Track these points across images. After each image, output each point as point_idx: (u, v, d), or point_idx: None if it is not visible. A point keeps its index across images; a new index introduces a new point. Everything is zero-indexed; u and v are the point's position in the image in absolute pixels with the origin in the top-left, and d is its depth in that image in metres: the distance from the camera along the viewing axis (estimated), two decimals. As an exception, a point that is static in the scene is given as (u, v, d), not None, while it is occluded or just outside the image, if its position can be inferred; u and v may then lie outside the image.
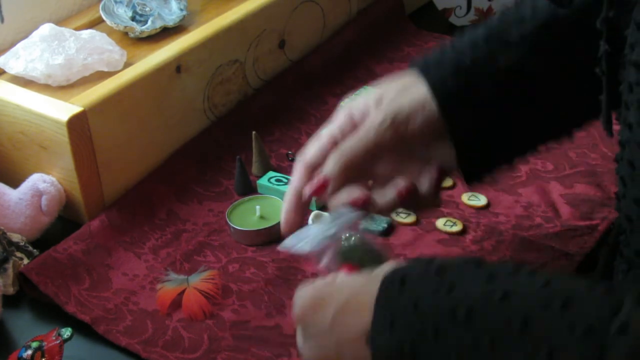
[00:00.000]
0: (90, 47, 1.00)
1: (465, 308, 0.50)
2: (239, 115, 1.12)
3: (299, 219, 0.73)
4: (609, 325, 0.46)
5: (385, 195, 0.70)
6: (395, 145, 0.70)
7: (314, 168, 0.72)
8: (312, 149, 0.74)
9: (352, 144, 0.70)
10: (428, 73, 0.71)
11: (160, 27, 1.08)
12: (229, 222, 0.94)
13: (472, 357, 0.50)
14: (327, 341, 0.60)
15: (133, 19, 1.09)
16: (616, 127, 0.61)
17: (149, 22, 1.08)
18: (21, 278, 0.87)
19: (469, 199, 0.96)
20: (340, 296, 0.60)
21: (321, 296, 0.61)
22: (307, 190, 0.71)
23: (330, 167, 0.70)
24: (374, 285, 0.57)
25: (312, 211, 0.96)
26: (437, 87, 0.70)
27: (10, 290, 0.87)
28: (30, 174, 0.95)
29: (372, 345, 0.56)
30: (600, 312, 0.47)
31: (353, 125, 0.72)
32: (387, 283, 0.57)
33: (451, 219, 0.93)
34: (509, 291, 0.50)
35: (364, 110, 0.72)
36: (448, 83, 0.70)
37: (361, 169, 0.71)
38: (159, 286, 0.87)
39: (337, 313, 0.59)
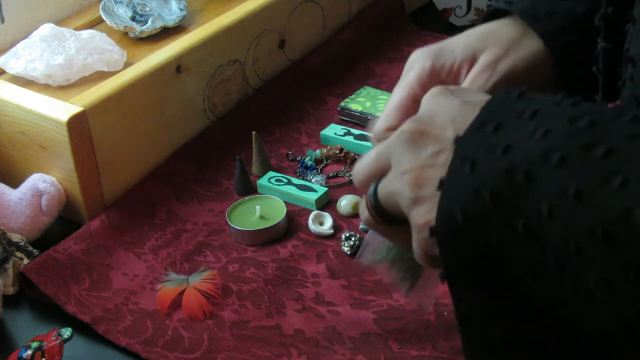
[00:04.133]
0: (90, 47, 1.00)
1: (589, 118, 0.44)
2: (239, 115, 1.12)
3: None
4: None
5: None
6: None
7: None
8: (391, 113, 0.63)
9: None
10: (538, 22, 0.60)
11: (160, 27, 1.08)
12: (229, 222, 0.94)
13: (579, 158, 0.43)
14: (451, 107, 0.51)
15: (133, 19, 1.09)
16: None
17: (149, 22, 1.08)
18: (21, 278, 0.87)
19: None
20: (479, 95, 0.52)
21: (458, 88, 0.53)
22: None
23: None
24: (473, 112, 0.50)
25: (312, 211, 0.96)
26: (553, 42, 0.60)
27: (10, 290, 0.87)
28: (30, 174, 0.95)
29: (462, 142, 0.48)
30: None
31: (438, 83, 0.62)
32: (504, 92, 0.49)
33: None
34: (612, 148, 0.43)
35: (451, 65, 0.63)
36: (566, 37, 0.60)
37: None
38: (159, 286, 0.87)
39: (469, 99, 0.51)
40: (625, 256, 0.42)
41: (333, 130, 1.09)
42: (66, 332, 0.77)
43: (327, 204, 0.98)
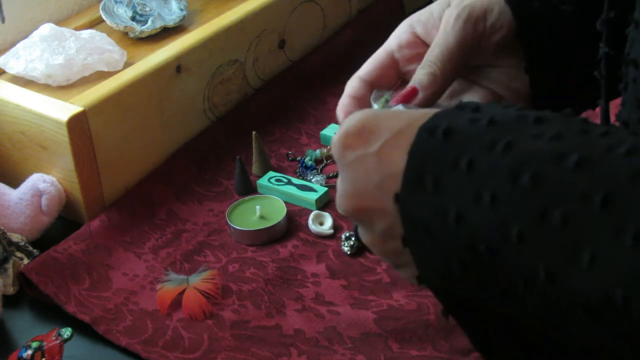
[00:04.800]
0: (90, 47, 1.00)
1: (531, 172, 0.42)
2: (239, 115, 1.12)
3: None
4: None
5: None
6: (474, 49, 0.64)
7: (370, 84, 0.65)
8: (366, 65, 0.67)
9: (436, 52, 0.62)
10: None
11: (160, 27, 1.08)
12: (229, 222, 0.94)
13: (538, 232, 0.41)
14: (369, 173, 0.49)
15: (133, 19, 1.09)
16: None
17: (149, 22, 1.08)
18: (21, 278, 0.87)
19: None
20: (395, 124, 0.49)
21: (371, 124, 0.50)
22: (393, 101, 0.62)
23: (418, 76, 0.63)
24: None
25: (312, 211, 0.96)
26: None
27: (10, 290, 0.87)
28: (30, 174, 0.95)
29: (403, 204, 0.46)
30: None
31: (416, 42, 0.66)
32: (427, 131, 0.46)
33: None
34: (584, 158, 0.41)
35: (427, 23, 0.66)
36: None
37: (447, 82, 0.63)
38: (159, 286, 0.87)
39: (386, 142, 0.48)
40: (616, 328, 0.41)
41: (333, 130, 1.09)
42: (66, 332, 0.76)
43: (327, 204, 0.98)
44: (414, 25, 0.67)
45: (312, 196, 0.97)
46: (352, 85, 0.66)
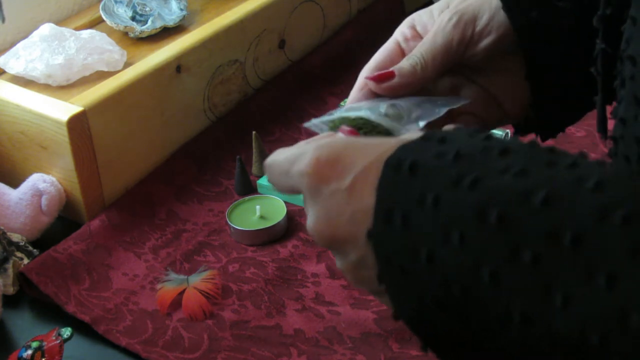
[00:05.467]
0: (90, 47, 1.00)
1: (497, 211, 0.41)
2: (239, 115, 1.12)
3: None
4: None
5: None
6: (460, 53, 0.65)
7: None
8: (377, 55, 0.69)
9: (422, 49, 0.65)
10: None
11: (160, 27, 1.08)
12: (229, 222, 0.94)
13: (510, 272, 0.41)
14: (341, 207, 0.49)
15: (133, 19, 1.09)
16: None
17: (149, 22, 1.08)
18: (21, 278, 0.87)
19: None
20: (364, 158, 0.49)
21: (342, 156, 0.50)
22: (370, 77, 0.65)
23: (401, 64, 0.65)
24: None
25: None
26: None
27: (10, 290, 0.87)
28: (30, 174, 0.95)
29: (376, 241, 0.46)
30: None
31: (418, 36, 0.68)
32: (393, 166, 0.46)
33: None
34: (551, 195, 0.41)
35: (427, 24, 0.68)
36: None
37: (425, 83, 0.65)
38: (159, 286, 0.87)
39: (356, 178, 0.48)
40: None
41: (333, 130, 1.09)
42: (66, 332, 0.77)
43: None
44: (416, 23, 0.69)
45: (312, 196, 0.97)
46: (364, 76, 0.68)
